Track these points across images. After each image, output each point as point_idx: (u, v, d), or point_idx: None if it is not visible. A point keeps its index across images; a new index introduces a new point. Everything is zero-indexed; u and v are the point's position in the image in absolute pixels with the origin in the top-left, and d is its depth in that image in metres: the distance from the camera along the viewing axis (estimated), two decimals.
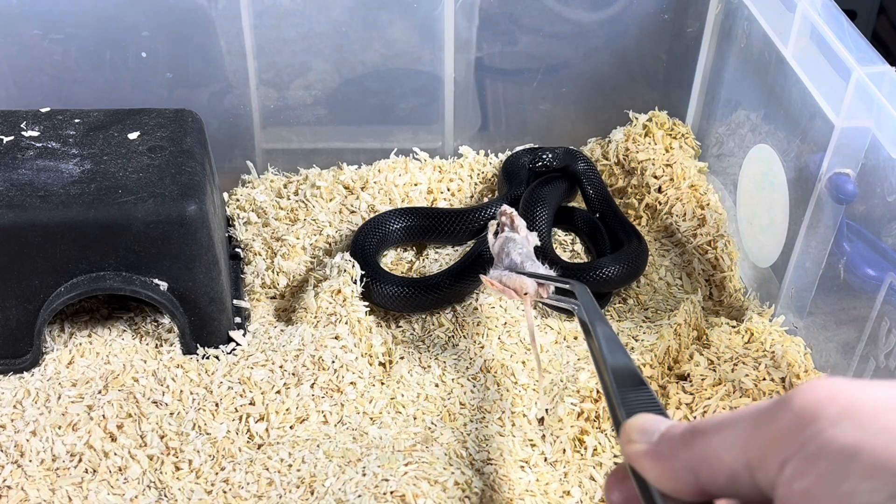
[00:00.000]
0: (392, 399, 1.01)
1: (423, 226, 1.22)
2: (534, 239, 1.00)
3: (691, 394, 0.99)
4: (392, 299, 1.11)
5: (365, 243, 1.17)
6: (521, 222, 1.00)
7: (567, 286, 0.88)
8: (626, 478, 0.51)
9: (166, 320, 1.07)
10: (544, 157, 1.22)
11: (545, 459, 0.94)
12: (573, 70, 1.34)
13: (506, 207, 1.02)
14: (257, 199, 1.26)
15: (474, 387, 1.04)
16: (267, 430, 0.95)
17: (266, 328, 1.09)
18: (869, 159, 0.93)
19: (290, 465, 0.91)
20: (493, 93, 1.36)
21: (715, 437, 0.45)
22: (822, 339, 1.02)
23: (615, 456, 0.94)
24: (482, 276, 0.96)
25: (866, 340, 0.94)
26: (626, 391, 0.59)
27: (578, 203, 1.31)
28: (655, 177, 1.30)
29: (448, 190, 1.32)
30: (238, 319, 1.08)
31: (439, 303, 1.13)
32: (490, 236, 1.01)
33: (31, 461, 0.90)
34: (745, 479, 0.43)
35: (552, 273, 0.94)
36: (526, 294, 0.91)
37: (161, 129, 1.06)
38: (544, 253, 1.13)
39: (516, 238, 0.97)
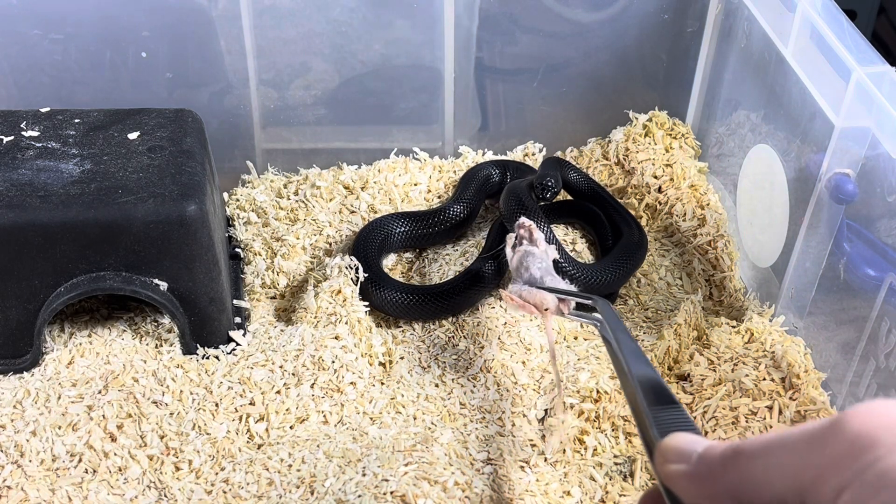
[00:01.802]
0: (392, 399, 1.01)
1: (421, 232, 1.23)
2: (553, 252, 0.98)
3: (691, 394, 0.99)
4: (396, 306, 1.11)
5: (367, 247, 1.17)
6: (539, 235, 0.98)
7: (589, 301, 0.86)
8: (660, 499, 0.50)
9: (166, 320, 1.07)
10: (547, 184, 1.16)
11: (545, 459, 0.94)
12: (573, 70, 1.34)
13: (524, 220, 0.99)
14: (257, 199, 1.26)
15: (474, 387, 1.04)
16: (267, 430, 0.95)
17: (266, 328, 1.09)
18: (869, 159, 0.93)
19: (290, 465, 0.91)
20: (493, 93, 1.36)
21: (760, 460, 0.43)
22: (822, 339, 1.02)
23: (615, 456, 0.94)
24: (502, 291, 0.94)
25: (866, 340, 0.94)
26: (657, 409, 0.57)
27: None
28: (655, 177, 1.30)
29: (447, 189, 1.32)
30: (238, 319, 1.08)
31: (445, 312, 1.13)
32: (508, 250, 0.99)
33: (31, 461, 0.90)
34: None
35: (573, 288, 0.92)
36: (546, 310, 0.89)
37: (161, 129, 1.06)
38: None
39: (535, 252, 0.95)
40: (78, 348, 1.03)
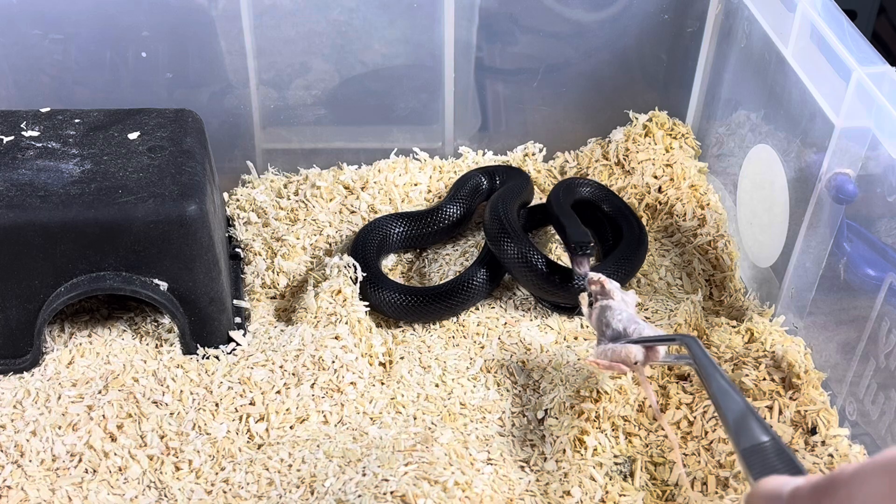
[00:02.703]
0: (392, 399, 1.01)
1: (418, 232, 1.22)
2: (632, 298, 0.92)
3: (691, 394, 0.99)
4: (393, 307, 1.11)
5: (366, 249, 1.17)
6: (612, 285, 0.93)
7: (675, 343, 0.83)
8: None
9: (166, 320, 1.07)
10: (583, 242, 1.08)
11: (545, 459, 0.94)
12: (573, 70, 1.34)
13: (592, 275, 0.94)
14: (257, 199, 1.26)
15: (474, 387, 1.04)
16: (267, 430, 0.95)
17: (266, 328, 1.09)
18: (869, 159, 0.93)
19: (290, 465, 0.91)
20: (493, 93, 1.36)
21: (859, 488, 0.42)
22: (822, 339, 1.02)
23: (615, 456, 0.94)
24: (587, 360, 0.89)
25: (866, 340, 0.94)
26: (748, 452, 0.57)
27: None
28: (655, 177, 1.30)
29: (447, 189, 1.32)
30: (238, 319, 1.08)
31: (443, 313, 1.12)
32: (584, 309, 0.94)
33: (31, 461, 0.90)
34: None
35: (659, 331, 0.88)
36: (636, 363, 0.85)
37: (161, 129, 1.06)
38: (527, 260, 1.10)
39: (612, 305, 0.90)
40: (78, 348, 1.03)
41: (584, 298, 0.94)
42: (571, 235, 1.10)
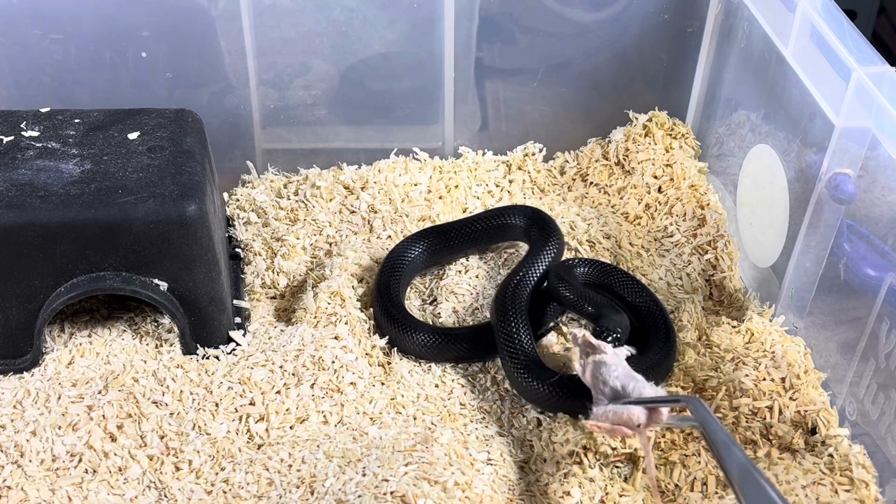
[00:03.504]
0: (392, 399, 1.01)
1: (443, 246, 1.18)
2: (623, 352, 0.89)
3: (694, 394, 0.99)
4: (428, 348, 1.06)
5: (390, 284, 1.11)
6: (599, 342, 0.90)
7: (679, 404, 0.81)
8: None
9: (166, 320, 1.07)
10: (611, 327, 0.97)
11: (545, 460, 0.94)
12: (573, 70, 1.34)
13: (576, 332, 0.91)
14: (257, 199, 1.26)
15: (474, 387, 1.04)
16: (267, 430, 0.95)
17: (266, 328, 1.09)
18: (869, 159, 0.93)
19: (290, 466, 0.91)
20: (493, 93, 1.36)
21: None
22: (822, 339, 1.02)
23: (616, 458, 0.94)
24: (586, 423, 0.86)
25: (866, 340, 0.94)
26: None
27: None
28: (655, 177, 1.30)
29: (447, 189, 1.32)
30: (238, 319, 1.08)
31: (478, 355, 1.07)
32: (577, 366, 0.91)
33: (31, 461, 0.90)
34: None
35: (660, 391, 0.84)
36: (639, 426, 0.82)
37: (161, 129, 1.06)
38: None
39: (606, 360, 0.87)
40: (78, 348, 1.03)
41: (574, 353, 0.92)
42: (604, 321, 0.98)
